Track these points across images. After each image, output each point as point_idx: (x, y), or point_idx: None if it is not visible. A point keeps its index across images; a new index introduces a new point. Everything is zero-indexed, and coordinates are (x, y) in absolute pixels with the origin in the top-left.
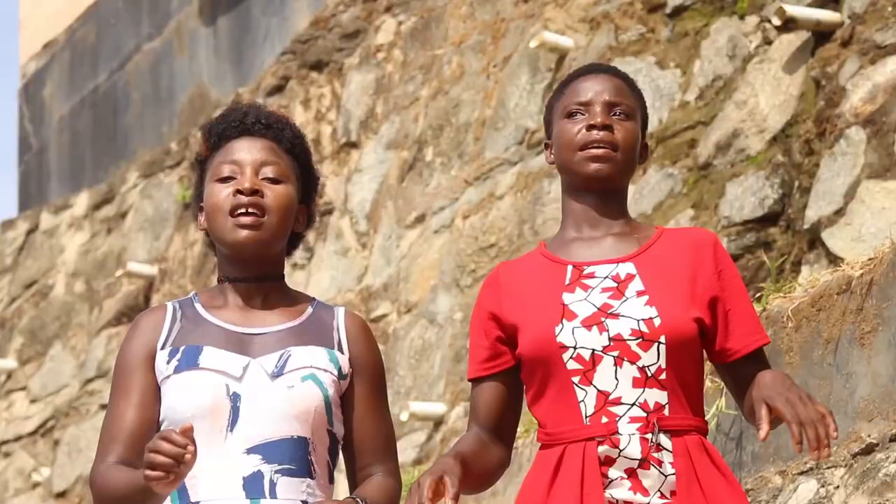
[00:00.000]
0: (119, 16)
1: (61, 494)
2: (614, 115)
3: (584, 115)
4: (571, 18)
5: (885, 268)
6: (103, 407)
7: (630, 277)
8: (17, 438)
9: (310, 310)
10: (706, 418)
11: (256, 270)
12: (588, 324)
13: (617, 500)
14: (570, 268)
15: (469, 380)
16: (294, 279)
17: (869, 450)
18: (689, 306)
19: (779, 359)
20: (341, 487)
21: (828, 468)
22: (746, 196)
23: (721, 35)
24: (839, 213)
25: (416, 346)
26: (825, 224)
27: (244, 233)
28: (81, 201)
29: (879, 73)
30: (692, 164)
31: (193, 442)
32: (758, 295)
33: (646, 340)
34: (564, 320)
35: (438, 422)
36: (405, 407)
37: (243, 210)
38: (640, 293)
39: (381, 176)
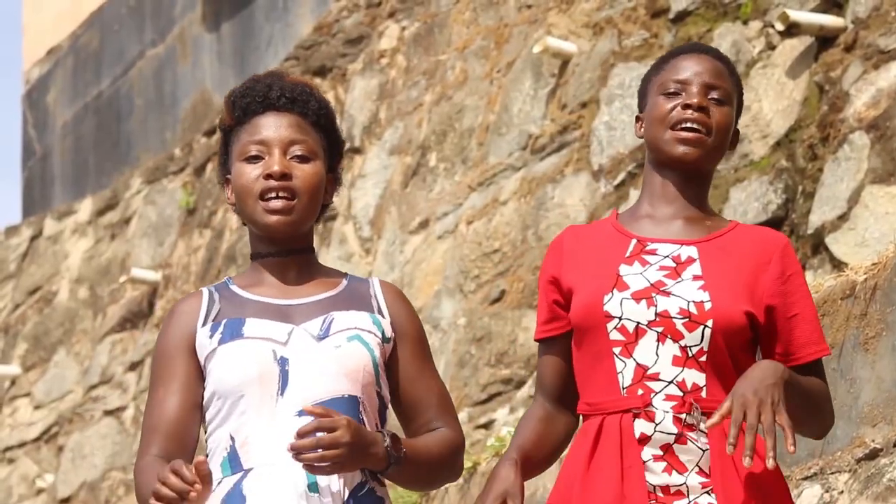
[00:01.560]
0: (122, 21)
1: (65, 501)
2: (711, 98)
3: (680, 93)
4: (575, 24)
5: (889, 273)
6: (107, 413)
7: (690, 261)
8: (21, 444)
9: (345, 281)
10: None
11: (288, 245)
12: (638, 297)
13: (654, 487)
14: (633, 241)
15: (535, 340)
16: None
17: (873, 455)
18: (744, 300)
19: None
20: None
21: (832, 473)
22: (750, 201)
23: (724, 40)
24: (843, 218)
25: None
26: (829, 229)
27: (276, 217)
28: (85, 207)
29: (883, 77)
30: None
31: (206, 479)
32: None
33: (692, 321)
34: (615, 290)
35: None
36: None
37: (274, 194)
38: (696, 277)
39: (384, 181)
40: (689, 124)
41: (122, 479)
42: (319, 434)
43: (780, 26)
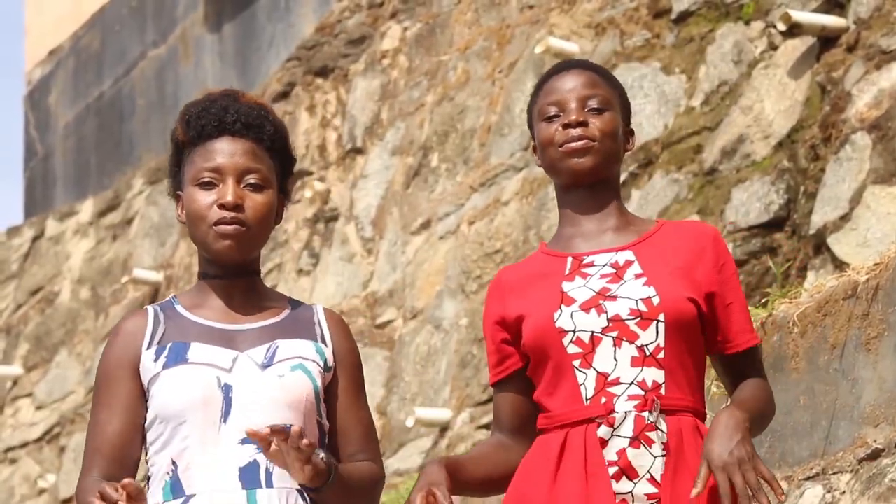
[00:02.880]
0: (124, 22)
1: (67, 501)
2: (589, 109)
3: (559, 115)
4: (577, 24)
5: (891, 273)
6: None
7: (629, 263)
8: (23, 445)
9: (289, 308)
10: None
11: (235, 269)
12: (586, 307)
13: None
14: (569, 259)
15: (491, 385)
16: (300, 285)
17: (875, 455)
18: (688, 289)
19: (784, 364)
20: None
21: (834, 473)
22: (752, 201)
23: (726, 40)
24: (845, 218)
25: (421, 352)
26: (831, 229)
27: (226, 243)
28: (87, 208)
29: (885, 78)
30: (698, 170)
31: (138, 497)
32: (763, 300)
33: (644, 319)
34: (563, 306)
35: (444, 428)
36: (411, 413)
37: (226, 223)
38: (638, 276)
39: (386, 182)
40: (574, 142)
41: None
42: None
43: (781, 26)
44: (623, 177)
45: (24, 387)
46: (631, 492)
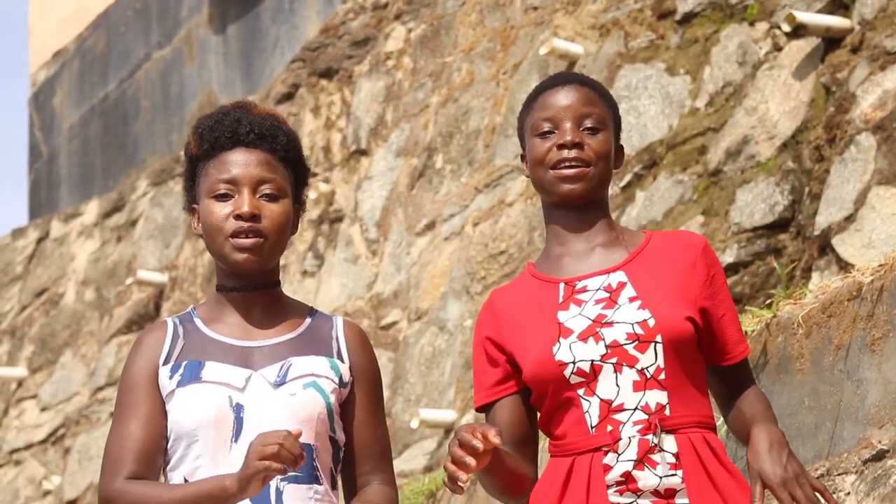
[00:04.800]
0: (128, 24)
1: (72, 502)
2: (584, 128)
3: (553, 131)
4: (581, 25)
5: None
6: (114, 415)
7: (622, 286)
8: (28, 446)
9: (308, 320)
10: (717, 423)
11: (254, 281)
12: (584, 337)
13: None
14: (561, 286)
15: (477, 409)
16: (304, 287)
17: (880, 456)
18: (682, 306)
19: (789, 365)
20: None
21: (839, 474)
22: (757, 202)
23: (731, 41)
24: (849, 219)
25: (426, 353)
26: (835, 230)
27: (244, 255)
28: (91, 209)
29: (889, 79)
30: (702, 171)
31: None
32: (768, 301)
33: (642, 342)
34: (561, 338)
35: (449, 429)
36: (415, 414)
37: (244, 235)
38: (632, 299)
39: (390, 183)
40: (567, 164)
41: None
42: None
43: (786, 27)
44: (628, 178)
45: (29, 388)
46: (635, 501)
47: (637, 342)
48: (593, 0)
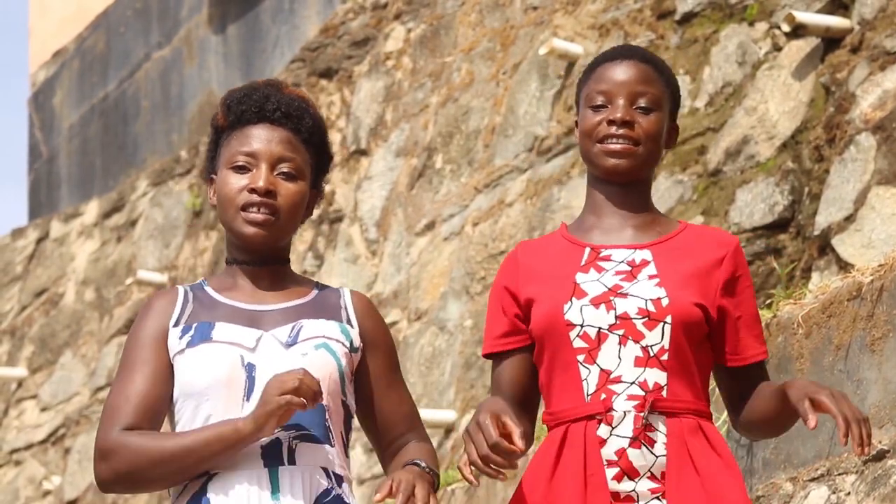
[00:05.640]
0: (128, 24)
1: (72, 503)
2: (637, 107)
3: (606, 106)
4: (581, 25)
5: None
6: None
7: (645, 263)
8: (28, 447)
9: (315, 290)
10: (716, 425)
11: (263, 255)
12: (596, 302)
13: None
14: (587, 249)
15: (485, 356)
16: None
17: (880, 456)
18: (699, 295)
19: (789, 365)
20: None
21: (839, 475)
22: (756, 202)
23: (730, 41)
24: (849, 219)
25: (426, 353)
26: (835, 230)
27: (254, 230)
28: (91, 209)
29: (889, 79)
30: (702, 171)
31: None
32: (768, 301)
33: (651, 320)
34: (574, 298)
35: (449, 429)
36: None
37: (255, 208)
38: (651, 276)
39: (390, 183)
40: (615, 140)
41: None
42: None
43: (786, 27)
44: None
45: (29, 388)
46: (634, 489)
47: (647, 319)
48: (593, 0)
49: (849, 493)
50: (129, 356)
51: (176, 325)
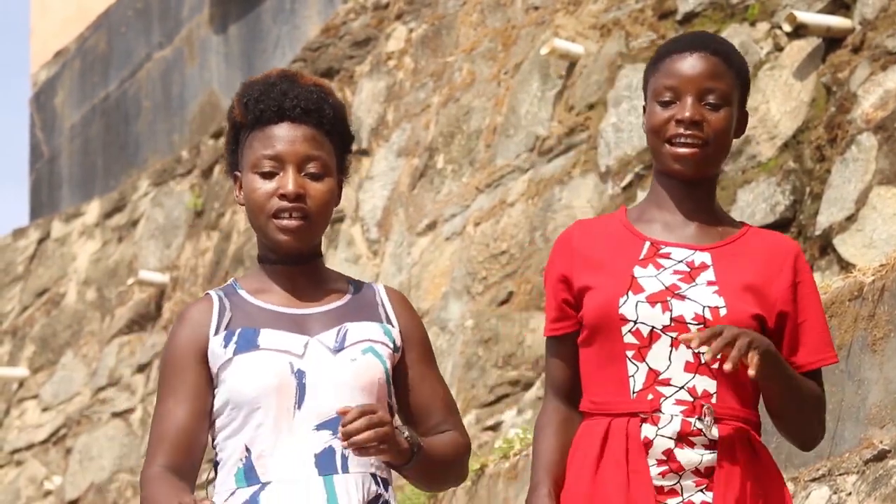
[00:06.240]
0: (129, 24)
1: (73, 503)
2: (707, 103)
3: (674, 102)
4: (582, 25)
5: None
6: (115, 415)
7: (704, 266)
8: (29, 447)
9: (351, 288)
10: None
11: (296, 256)
12: (653, 300)
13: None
14: (647, 244)
15: (544, 336)
16: None
17: (881, 456)
18: (757, 305)
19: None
20: None
21: (840, 475)
22: (758, 202)
23: (732, 41)
24: (850, 219)
25: None
26: (837, 230)
27: (286, 237)
28: (93, 209)
29: (890, 79)
30: None
31: None
32: None
33: (707, 328)
34: (630, 293)
35: None
36: None
37: (287, 214)
38: (710, 283)
39: (392, 183)
40: (683, 140)
41: (130, 480)
42: (366, 417)
43: (787, 27)
44: (629, 178)
45: (30, 388)
46: (678, 482)
47: (702, 325)
48: (594, 0)
49: (850, 494)
50: (165, 377)
51: (217, 333)
